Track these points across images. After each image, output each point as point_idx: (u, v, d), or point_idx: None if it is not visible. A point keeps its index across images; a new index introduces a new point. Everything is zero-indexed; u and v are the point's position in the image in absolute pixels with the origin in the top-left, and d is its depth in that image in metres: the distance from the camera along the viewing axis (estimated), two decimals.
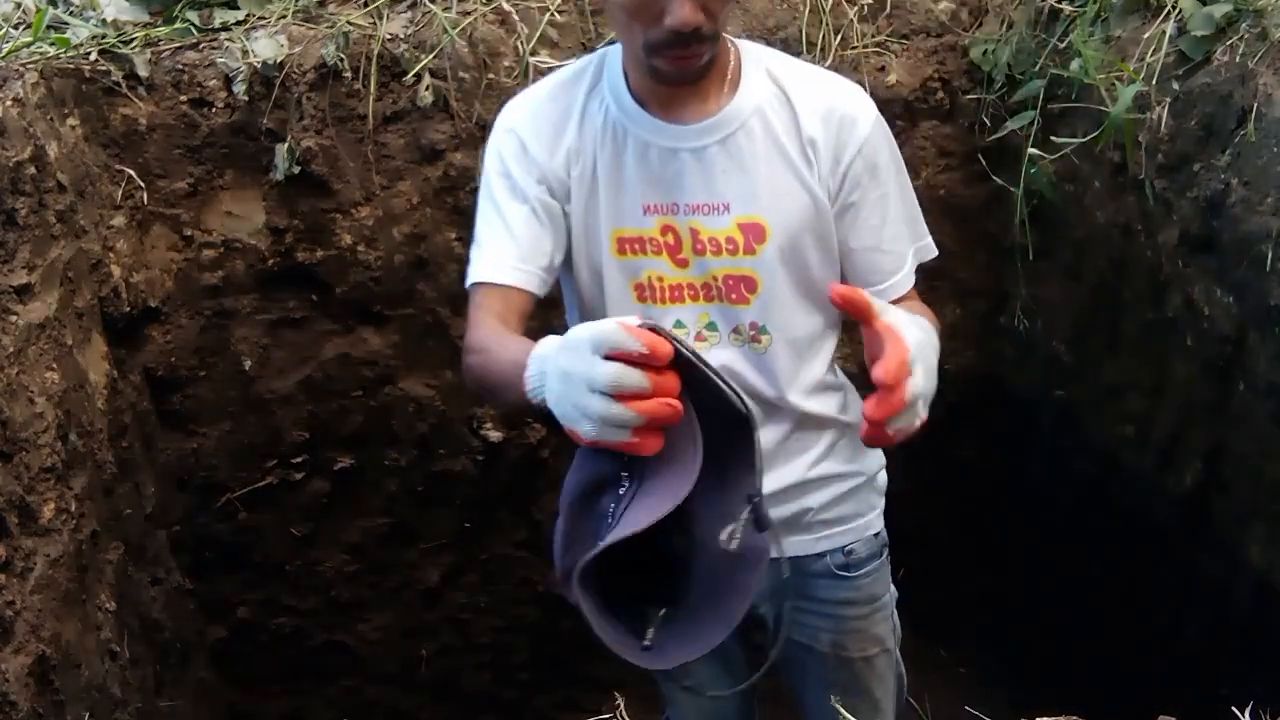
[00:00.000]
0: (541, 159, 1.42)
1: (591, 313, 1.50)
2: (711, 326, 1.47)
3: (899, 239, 1.45)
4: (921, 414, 1.09)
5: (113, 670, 1.83)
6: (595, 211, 1.43)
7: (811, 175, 1.39)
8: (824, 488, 1.58)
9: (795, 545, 1.59)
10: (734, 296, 1.44)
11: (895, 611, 1.73)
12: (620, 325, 0.93)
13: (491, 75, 2.06)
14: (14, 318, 1.68)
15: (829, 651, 1.68)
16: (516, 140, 1.43)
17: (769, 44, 2.11)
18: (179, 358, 2.20)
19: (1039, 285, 2.25)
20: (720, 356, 1.46)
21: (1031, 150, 1.96)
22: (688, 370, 0.96)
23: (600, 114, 1.41)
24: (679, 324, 1.46)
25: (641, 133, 1.39)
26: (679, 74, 1.30)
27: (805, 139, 1.38)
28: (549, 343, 1.07)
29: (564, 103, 1.44)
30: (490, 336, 1.32)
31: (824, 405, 1.54)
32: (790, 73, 1.41)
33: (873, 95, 2.11)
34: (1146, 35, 1.80)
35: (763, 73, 1.40)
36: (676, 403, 0.94)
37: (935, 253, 1.51)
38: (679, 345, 0.94)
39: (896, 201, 1.44)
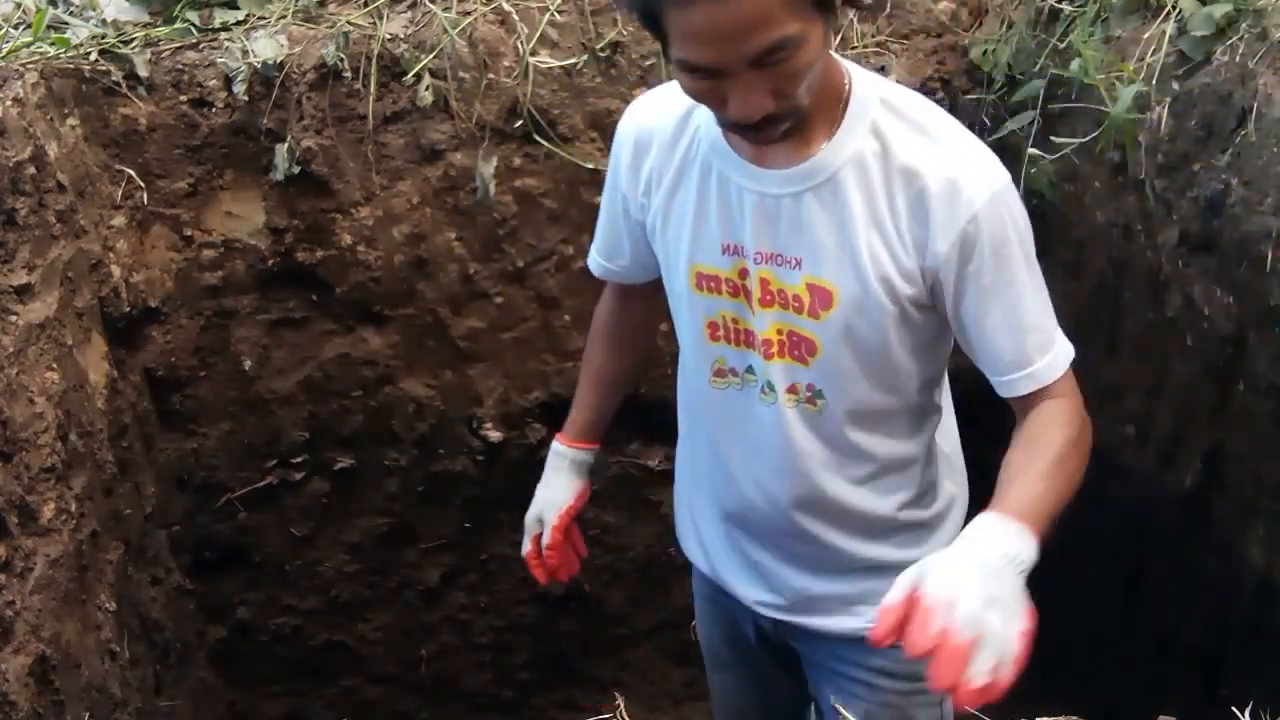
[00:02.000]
0: (625, 179, 1.44)
1: (677, 333, 1.49)
2: (770, 386, 1.38)
3: (1018, 330, 1.26)
4: (987, 664, 0.98)
5: (113, 670, 1.83)
6: (677, 240, 1.38)
7: (903, 249, 1.24)
8: (872, 577, 1.43)
9: (823, 622, 1.51)
10: (794, 354, 1.34)
11: (949, 707, 1.56)
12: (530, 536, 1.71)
13: (491, 75, 2.06)
14: (14, 318, 1.68)
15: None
16: (618, 146, 1.45)
17: None
18: (179, 358, 2.19)
19: None
20: (776, 415, 1.38)
21: (1031, 150, 1.96)
22: None
23: (691, 140, 1.35)
24: (750, 369, 1.39)
25: (728, 171, 1.31)
26: (758, 145, 1.23)
27: (900, 207, 1.23)
28: (555, 451, 1.72)
29: (660, 119, 1.39)
30: (594, 331, 1.74)
31: (888, 494, 1.43)
32: (898, 127, 1.25)
33: None
34: (1146, 35, 1.80)
35: (867, 124, 1.24)
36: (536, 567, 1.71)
37: (1070, 355, 1.31)
38: None
39: (1014, 292, 1.25)
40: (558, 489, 1.70)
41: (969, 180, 1.21)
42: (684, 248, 1.37)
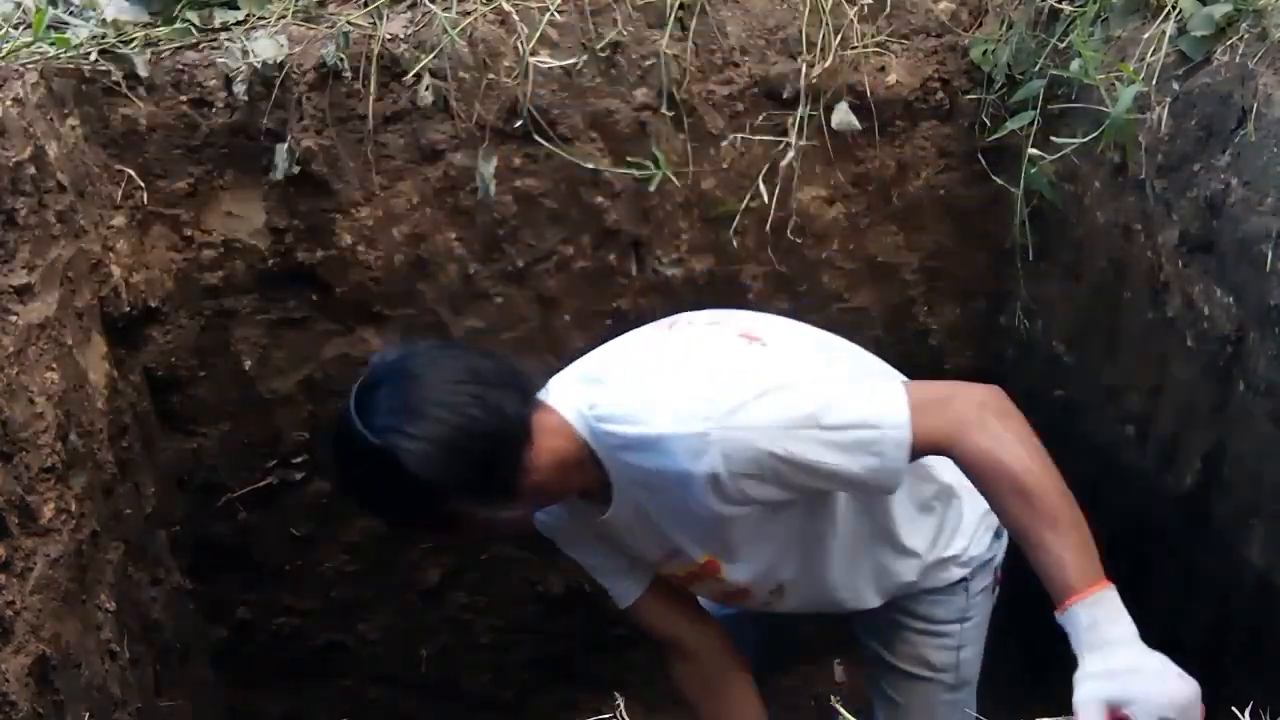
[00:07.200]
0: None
1: None
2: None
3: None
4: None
5: (113, 670, 1.83)
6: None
7: (716, 502, 1.38)
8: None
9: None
10: (738, 600, 1.65)
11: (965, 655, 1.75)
12: None
13: (491, 75, 2.06)
14: (14, 318, 1.68)
15: (879, 651, 1.75)
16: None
17: (769, 44, 2.12)
18: (179, 358, 2.19)
19: (1039, 285, 2.25)
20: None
21: (1031, 150, 1.96)
22: None
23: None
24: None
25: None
26: None
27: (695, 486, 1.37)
28: None
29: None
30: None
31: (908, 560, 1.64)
32: (635, 466, 1.42)
33: (872, 95, 2.14)
34: (1146, 35, 1.80)
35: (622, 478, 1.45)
36: None
37: (895, 408, 1.35)
38: None
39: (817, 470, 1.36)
40: None
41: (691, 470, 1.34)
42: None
